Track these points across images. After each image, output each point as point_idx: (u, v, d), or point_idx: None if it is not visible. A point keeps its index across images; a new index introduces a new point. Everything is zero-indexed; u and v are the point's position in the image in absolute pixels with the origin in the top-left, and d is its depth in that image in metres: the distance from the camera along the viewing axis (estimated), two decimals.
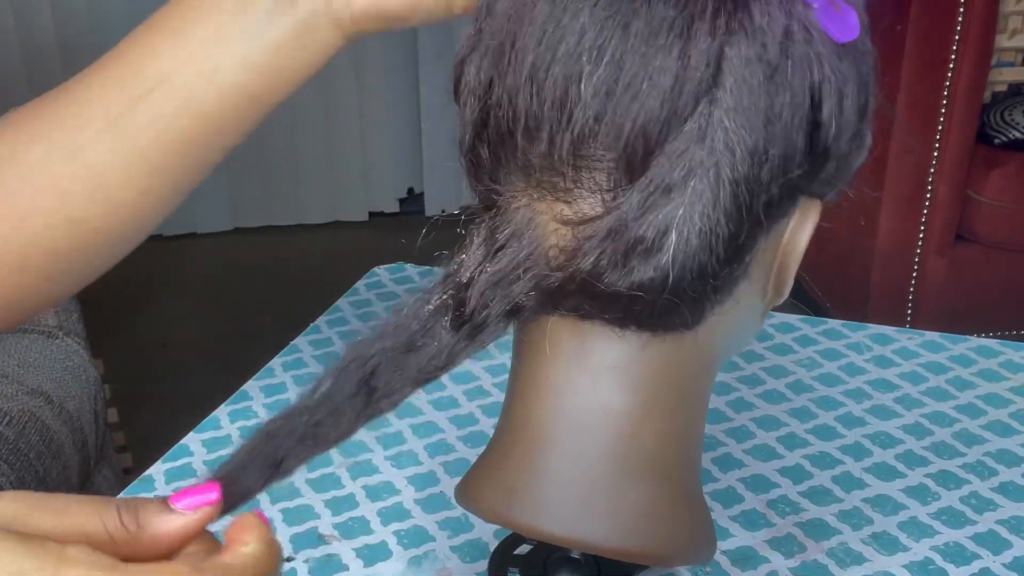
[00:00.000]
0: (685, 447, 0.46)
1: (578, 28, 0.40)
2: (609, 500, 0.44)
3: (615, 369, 0.44)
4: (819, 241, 0.46)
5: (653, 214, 0.39)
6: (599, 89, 0.39)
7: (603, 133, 0.40)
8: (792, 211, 0.44)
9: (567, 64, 0.40)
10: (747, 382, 0.76)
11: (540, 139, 0.41)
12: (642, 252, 0.40)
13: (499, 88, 0.42)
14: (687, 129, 0.39)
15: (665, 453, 0.45)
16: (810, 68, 0.40)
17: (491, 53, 0.42)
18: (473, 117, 0.43)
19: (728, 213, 0.40)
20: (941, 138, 1.74)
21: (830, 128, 0.41)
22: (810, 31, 0.40)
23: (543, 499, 0.44)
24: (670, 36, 0.39)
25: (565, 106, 0.40)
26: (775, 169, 0.40)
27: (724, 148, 0.39)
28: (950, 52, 1.68)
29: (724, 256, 0.41)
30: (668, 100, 0.39)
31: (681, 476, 0.46)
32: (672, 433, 0.46)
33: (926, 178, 1.78)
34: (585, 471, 0.44)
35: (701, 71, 0.39)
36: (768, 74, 0.39)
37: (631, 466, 0.45)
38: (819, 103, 0.41)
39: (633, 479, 0.44)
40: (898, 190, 1.80)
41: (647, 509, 0.45)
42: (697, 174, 0.39)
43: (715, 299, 0.43)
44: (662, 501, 0.45)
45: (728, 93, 0.39)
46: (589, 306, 0.43)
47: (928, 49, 1.70)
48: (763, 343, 0.81)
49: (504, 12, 0.42)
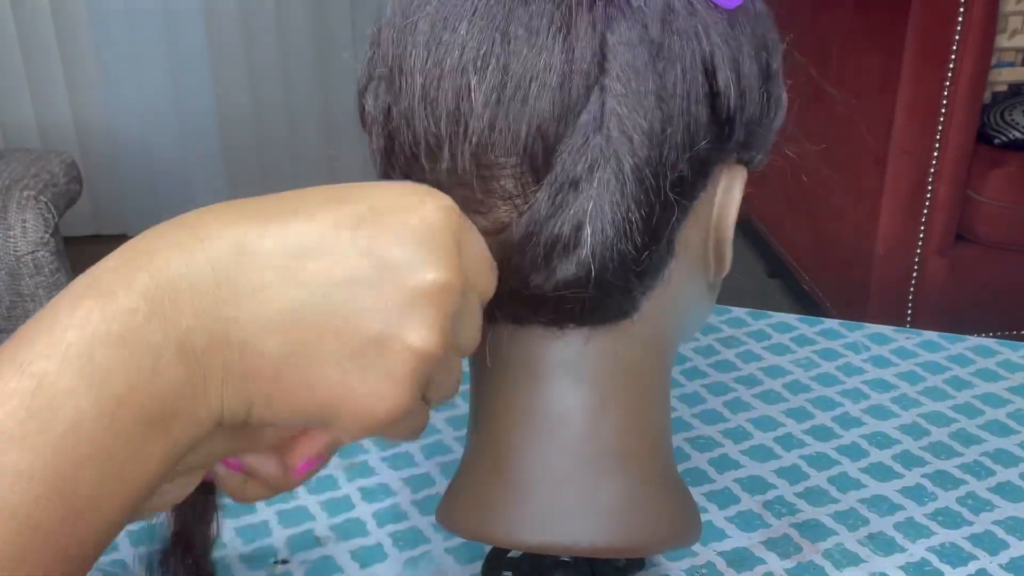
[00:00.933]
0: (649, 436, 0.46)
1: (459, 41, 0.40)
2: (579, 500, 0.44)
3: (564, 368, 0.44)
4: (819, 241, 0.46)
5: (564, 211, 0.40)
6: (489, 97, 0.39)
7: (500, 140, 0.40)
8: (710, 184, 0.44)
9: (454, 78, 0.40)
10: (744, 382, 0.76)
11: (442, 156, 0.41)
12: (560, 250, 0.40)
13: (396, 113, 0.42)
14: (582, 121, 0.39)
15: (628, 445, 0.45)
16: (697, 39, 0.40)
17: (384, 80, 0.43)
18: (380, 145, 0.44)
19: (637, 198, 0.40)
20: (941, 138, 1.74)
21: (730, 96, 0.41)
22: (692, 3, 0.40)
23: (515, 510, 0.45)
24: (550, 33, 0.39)
25: (459, 120, 0.40)
26: (678, 147, 0.40)
27: (621, 135, 0.39)
28: (950, 52, 1.68)
29: (642, 241, 0.41)
30: (559, 97, 0.39)
31: (649, 465, 0.46)
32: (632, 424, 0.46)
33: (926, 178, 1.78)
34: (551, 475, 0.44)
35: (587, 62, 0.39)
36: (653, 53, 0.39)
37: (596, 463, 0.45)
38: (713, 73, 0.41)
39: (600, 475, 0.45)
40: (898, 190, 1.80)
41: (619, 503, 0.45)
42: (600, 164, 0.39)
43: (644, 284, 0.43)
44: (637, 492, 0.45)
45: (616, 80, 0.39)
46: (523, 312, 0.43)
47: (928, 49, 1.70)
48: (760, 343, 0.81)
49: (388, 39, 0.42)
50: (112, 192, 2.59)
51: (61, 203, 1.61)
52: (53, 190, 1.59)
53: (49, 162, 1.64)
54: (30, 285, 1.56)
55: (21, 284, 1.55)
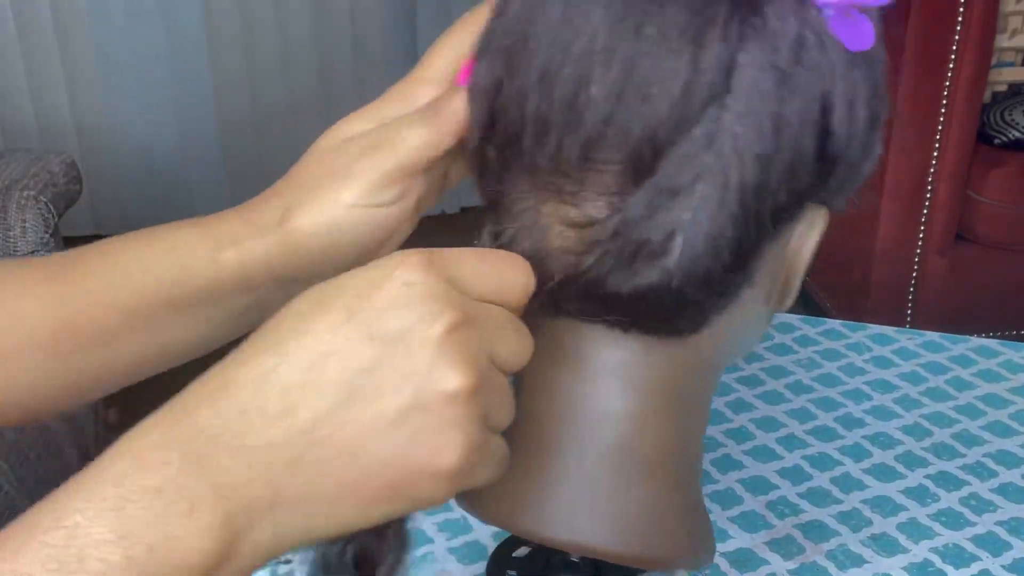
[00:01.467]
0: (686, 450, 0.46)
1: (590, 30, 0.39)
2: (610, 504, 0.44)
3: (617, 372, 0.44)
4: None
5: (659, 217, 0.39)
6: (610, 92, 0.39)
7: (612, 136, 0.39)
8: (799, 218, 0.44)
9: (578, 66, 0.39)
10: (747, 383, 0.76)
11: (548, 142, 0.40)
12: (647, 255, 0.40)
13: (508, 89, 0.41)
14: (696, 133, 0.39)
15: (666, 456, 0.45)
16: (821, 76, 0.40)
17: (501, 53, 0.42)
18: (479, 118, 0.43)
19: (735, 218, 0.39)
20: (941, 138, 1.74)
21: (840, 136, 0.41)
22: (823, 39, 0.40)
23: (544, 503, 0.44)
24: (682, 40, 0.39)
25: (574, 108, 0.40)
26: (783, 176, 0.40)
27: (732, 153, 0.39)
28: (950, 52, 1.68)
29: (729, 262, 0.40)
30: (678, 104, 0.39)
31: (681, 480, 0.46)
32: (673, 436, 0.45)
33: (926, 178, 1.78)
34: (586, 474, 0.44)
35: (712, 76, 0.38)
36: (779, 80, 0.39)
37: (632, 469, 0.44)
38: (829, 111, 0.40)
39: (634, 482, 0.44)
40: (898, 190, 1.80)
41: (647, 513, 0.44)
42: (704, 178, 0.39)
43: (719, 304, 0.43)
44: (662, 505, 0.45)
45: (738, 99, 0.39)
46: (592, 309, 0.43)
47: (928, 49, 1.70)
48: (763, 343, 0.81)
49: (516, 12, 0.42)
50: (112, 192, 2.59)
51: (61, 203, 1.60)
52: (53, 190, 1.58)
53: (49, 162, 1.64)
54: None
55: None
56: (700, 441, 0.48)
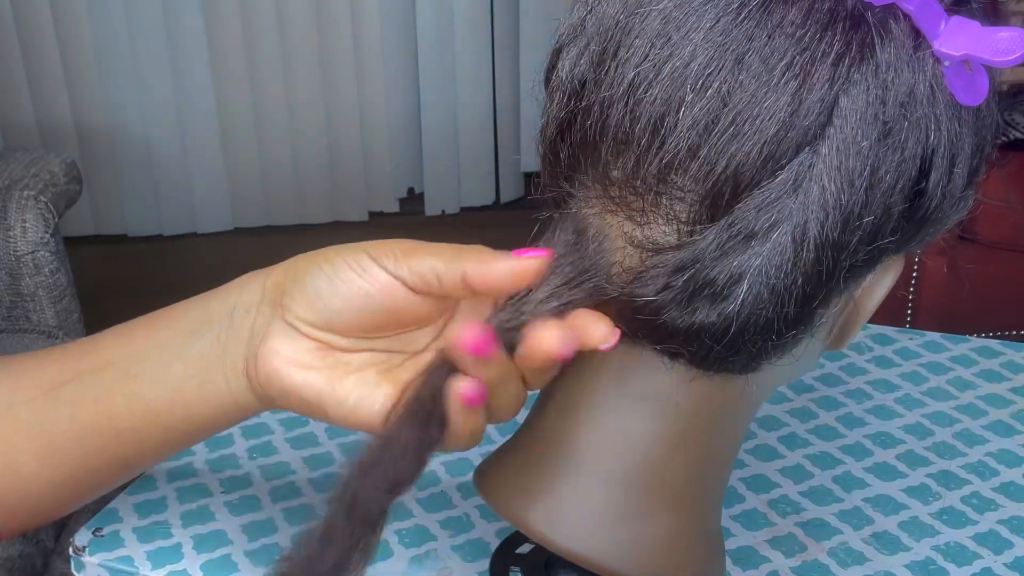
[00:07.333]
0: (712, 483, 0.45)
1: (688, 50, 0.37)
2: (629, 526, 0.43)
3: (657, 397, 0.43)
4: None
5: (728, 259, 0.37)
6: (699, 121, 0.37)
7: (694, 167, 0.37)
8: (874, 270, 0.42)
9: (670, 87, 0.37)
10: None
11: (625, 157, 0.39)
12: (709, 295, 0.38)
13: (593, 93, 0.39)
14: (781, 178, 0.36)
15: (691, 486, 0.44)
16: (926, 133, 0.37)
17: (590, 54, 0.40)
18: (557, 113, 0.41)
19: (807, 274, 0.37)
20: None
21: (934, 196, 0.39)
22: (935, 91, 0.37)
23: (563, 513, 0.43)
24: (785, 76, 0.36)
25: (659, 131, 0.37)
26: (866, 236, 0.37)
27: (817, 205, 0.36)
28: None
29: (793, 316, 0.38)
30: (769, 145, 0.36)
31: (703, 512, 0.45)
32: (702, 467, 0.44)
33: None
34: (609, 493, 0.43)
35: (811, 120, 0.36)
36: (881, 134, 0.36)
37: (656, 495, 0.43)
38: (928, 170, 0.38)
39: (656, 508, 0.43)
40: None
41: (666, 540, 0.43)
42: (782, 227, 0.36)
43: (774, 355, 0.41)
44: (681, 534, 0.44)
45: (833, 148, 0.36)
46: (643, 333, 0.41)
47: None
48: None
49: (612, 15, 0.39)
50: (112, 192, 2.59)
51: (61, 203, 1.61)
52: (53, 190, 1.59)
53: (49, 162, 1.64)
54: (30, 285, 1.55)
55: (21, 284, 1.55)
56: (730, 469, 0.46)
